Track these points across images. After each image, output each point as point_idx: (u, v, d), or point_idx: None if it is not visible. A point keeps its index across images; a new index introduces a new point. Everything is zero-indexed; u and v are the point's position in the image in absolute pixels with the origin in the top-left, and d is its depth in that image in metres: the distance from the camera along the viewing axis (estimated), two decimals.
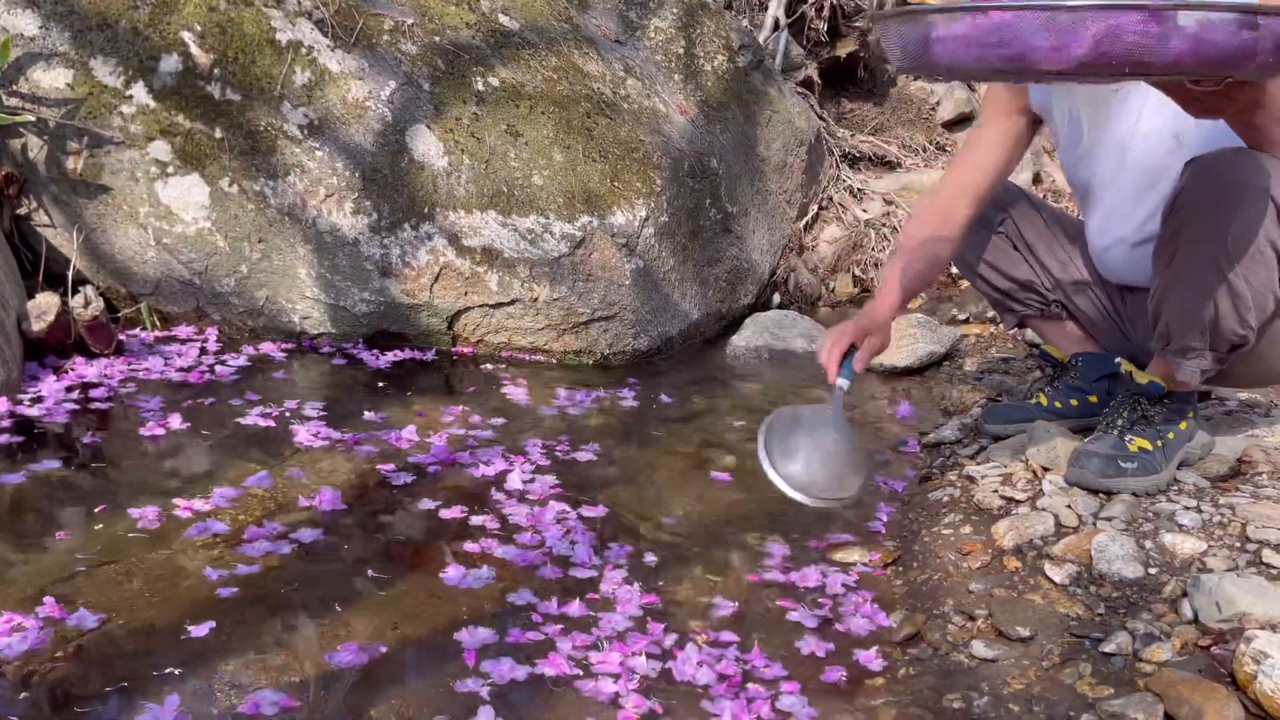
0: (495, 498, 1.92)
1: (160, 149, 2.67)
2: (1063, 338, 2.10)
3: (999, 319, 2.19)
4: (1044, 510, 1.68)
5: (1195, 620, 1.37)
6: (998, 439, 2.06)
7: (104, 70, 2.66)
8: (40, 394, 2.23)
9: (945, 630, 1.47)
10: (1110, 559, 1.50)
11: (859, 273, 3.93)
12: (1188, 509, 1.62)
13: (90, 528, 1.70)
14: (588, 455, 2.15)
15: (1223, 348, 1.61)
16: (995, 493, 1.79)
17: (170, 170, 2.67)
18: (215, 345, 2.67)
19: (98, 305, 2.41)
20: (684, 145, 3.24)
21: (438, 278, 2.76)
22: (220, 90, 2.71)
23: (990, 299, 2.14)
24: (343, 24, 2.87)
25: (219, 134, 2.70)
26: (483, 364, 2.75)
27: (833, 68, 4.74)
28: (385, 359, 2.69)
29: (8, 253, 2.52)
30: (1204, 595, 1.37)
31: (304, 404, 2.32)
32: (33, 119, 2.60)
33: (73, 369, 2.40)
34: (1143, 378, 1.72)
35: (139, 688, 1.30)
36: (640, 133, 3.11)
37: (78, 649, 1.37)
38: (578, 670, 1.38)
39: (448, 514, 1.84)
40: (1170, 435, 1.72)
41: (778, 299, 3.62)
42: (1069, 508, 1.66)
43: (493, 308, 2.80)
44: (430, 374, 2.65)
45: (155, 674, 1.33)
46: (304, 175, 2.72)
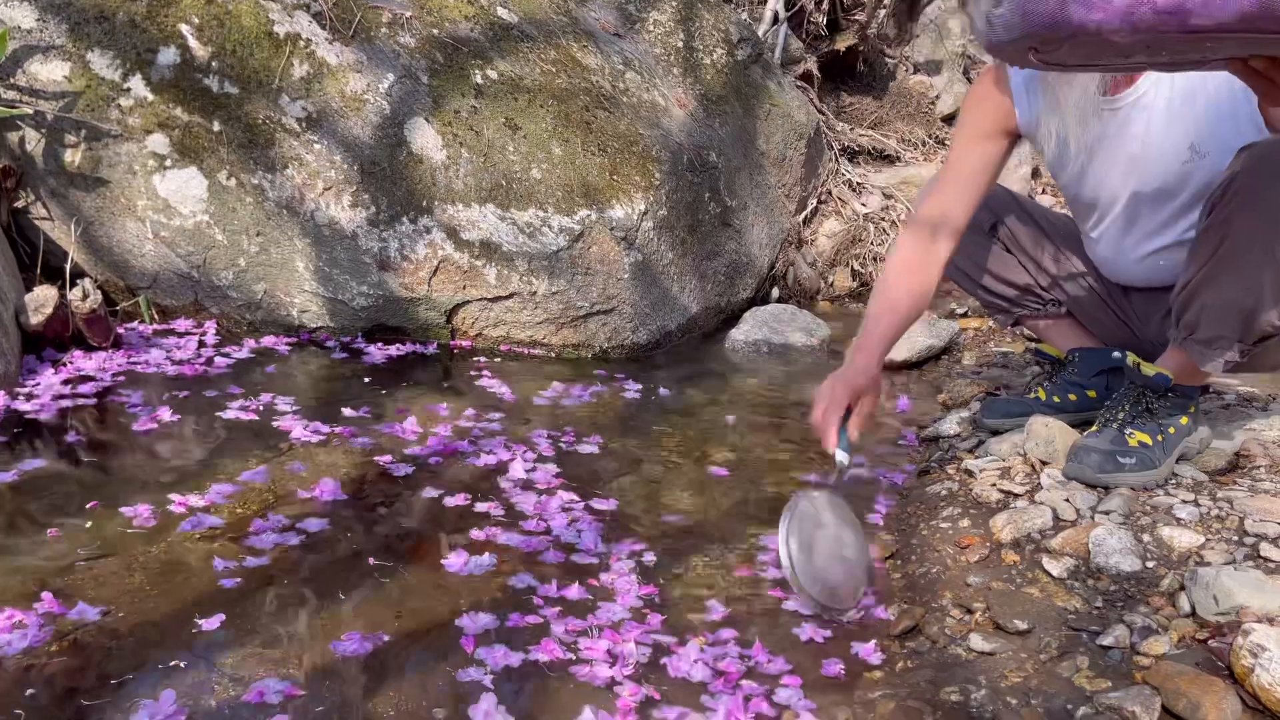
0: (497, 488, 1.93)
1: (158, 142, 2.66)
2: (1059, 334, 2.10)
3: (993, 319, 2.19)
4: (1042, 504, 1.68)
5: (1193, 613, 1.37)
6: (996, 433, 2.06)
7: (102, 63, 2.65)
8: (32, 390, 2.22)
9: (943, 623, 1.47)
10: (1108, 553, 1.51)
11: (858, 266, 3.93)
12: (1186, 503, 1.62)
13: (89, 524, 1.70)
14: (587, 448, 2.15)
15: (1253, 339, 1.59)
16: (993, 486, 1.79)
17: (168, 163, 2.67)
18: (214, 339, 2.67)
19: (96, 298, 2.41)
20: (683, 139, 3.24)
21: (436, 271, 2.75)
22: (218, 83, 2.71)
23: (984, 302, 2.14)
24: (341, 17, 2.87)
25: (217, 127, 2.69)
26: (481, 357, 2.75)
27: (832, 61, 4.74)
28: (385, 353, 2.69)
29: (5, 246, 2.52)
30: (1201, 589, 1.37)
31: (303, 397, 2.32)
32: (30, 112, 2.59)
33: (71, 362, 2.40)
34: (1149, 369, 1.71)
35: (143, 680, 1.30)
36: (639, 126, 3.11)
37: (81, 643, 1.37)
38: (570, 655, 1.40)
39: (450, 504, 1.85)
40: (1171, 430, 1.72)
41: (776, 293, 3.62)
42: (1067, 501, 1.67)
43: (491, 301, 2.79)
44: (429, 367, 2.65)
45: (160, 666, 1.33)
46: (302, 168, 2.71)
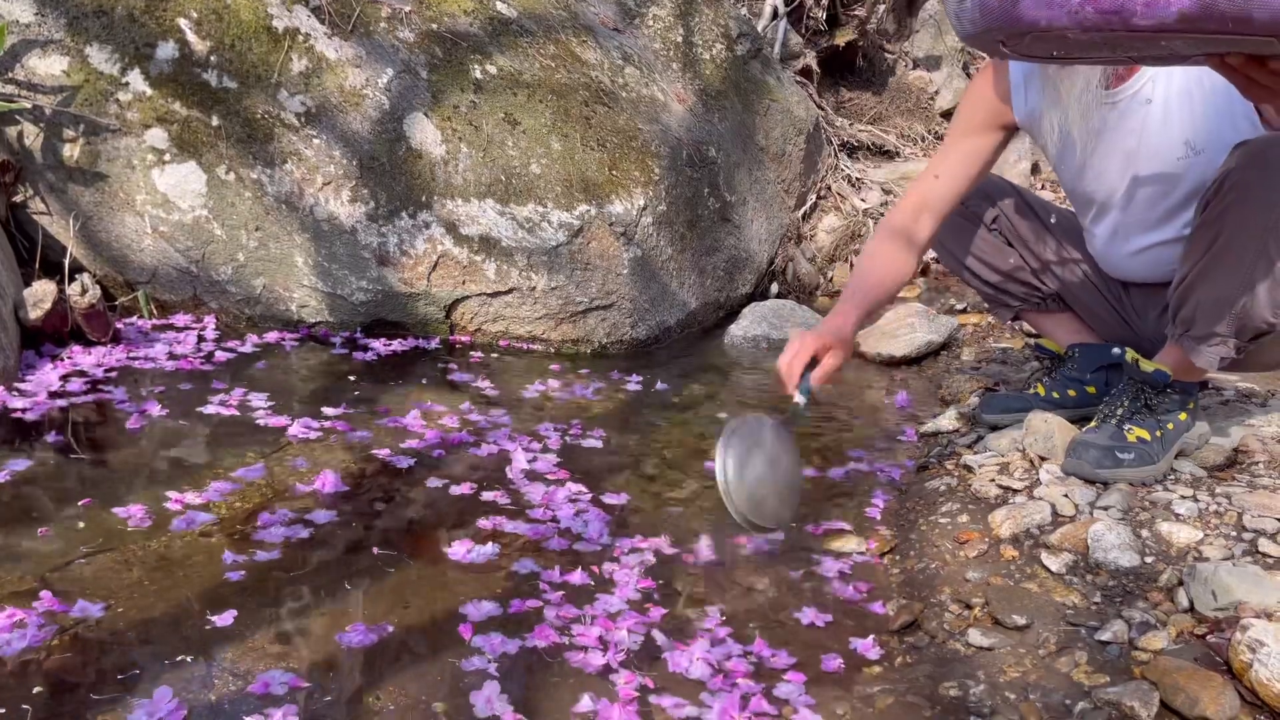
0: (499, 480, 1.94)
1: (157, 136, 2.66)
2: (1058, 329, 2.10)
3: (993, 313, 2.19)
4: (1041, 499, 1.68)
5: (1191, 609, 1.37)
6: (995, 428, 2.06)
7: (100, 57, 2.65)
8: (24, 388, 2.20)
9: (942, 619, 1.48)
10: (1107, 548, 1.51)
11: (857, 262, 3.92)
12: (1184, 498, 1.62)
13: (81, 524, 1.70)
14: (588, 443, 2.15)
15: (1247, 335, 1.60)
16: (992, 482, 1.79)
17: (167, 158, 2.66)
18: (213, 334, 2.67)
19: (95, 293, 2.41)
20: (682, 134, 3.24)
21: (435, 266, 2.75)
22: (217, 77, 2.70)
23: (985, 295, 2.14)
24: (340, 11, 2.86)
25: (216, 121, 2.69)
26: (480, 353, 2.75)
27: (831, 56, 4.73)
28: (384, 347, 2.69)
29: (4, 241, 2.51)
30: (1200, 584, 1.38)
31: (304, 392, 2.32)
32: (29, 106, 2.59)
33: (70, 357, 2.40)
34: (1148, 365, 1.72)
35: (148, 674, 1.30)
36: (638, 121, 3.11)
37: (87, 639, 1.37)
38: (564, 639, 1.42)
39: (453, 496, 1.85)
40: (1170, 425, 1.72)
41: (776, 288, 3.62)
42: (1066, 497, 1.67)
43: (490, 296, 2.79)
44: (429, 362, 2.65)
45: (166, 661, 1.33)
46: (301, 163, 2.71)
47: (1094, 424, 1.78)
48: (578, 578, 1.59)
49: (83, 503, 1.75)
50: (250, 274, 2.71)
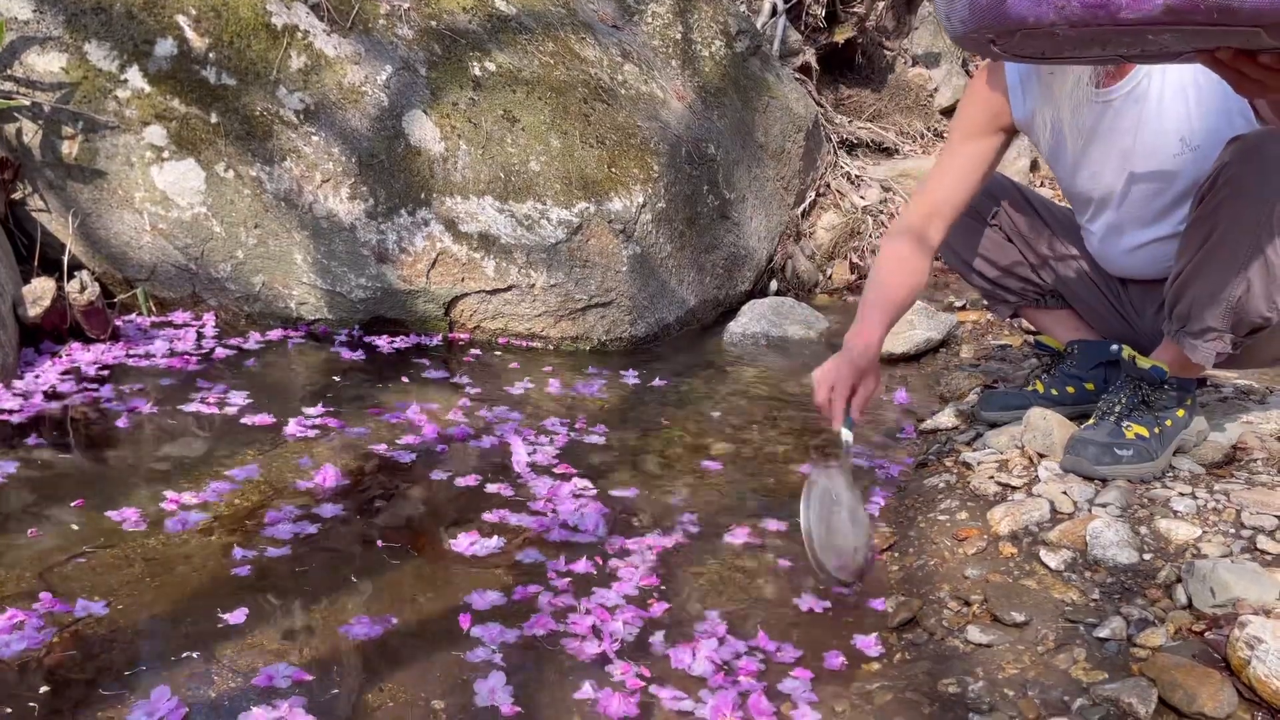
0: (501, 475, 1.94)
1: (155, 133, 2.66)
2: (1058, 326, 2.10)
3: (992, 309, 2.19)
4: (1040, 496, 1.68)
5: (1189, 606, 1.38)
6: (994, 425, 2.06)
7: (98, 54, 2.65)
8: (20, 389, 2.20)
9: (941, 615, 1.48)
10: (1105, 545, 1.51)
11: (856, 259, 3.93)
12: (1183, 495, 1.62)
13: (88, 521, 1.70)
14: (589, 439, 2.15)
15: (1243, 330, 1.60)
16: (991, 479, 1.79)
17: (166, 155, 2.66)
18: (213, 331, 2.67)
19: (93, 290, 2.41)
20: (681, 131, 3.24)
21: (434, 264, 2.75)
22: (216, 74, 2.70)
23: (984, 291, 2.14)
24: (338, 8, 2.86)
25: (215, 119, 2.69)
26: (479, 350, 2.75)
27: (831, 54, 4.73)
28: (386, 344, 2.70)
29: (3, 238, 2.51)
30: (1198, 581, 1.38)
31: (304, 389, 2.32)
32: (27, 103, 2.59)
33: (68, 354, 2.40)
34: (1145, 362, 1.72)
35: (153, 670, 1.30)
36: (638, 118, 3.10)
37: (93, 635, 1.37)
38: (560, 626, 1.44)
39: (455, 490, 1.85)
40: (1168, 422, 1.73)
41: (775, 286, 3.62)
42: (1065, 494, 1.67)
43: (490, 294, 2.79)
44: (428, 359, 2.65)
45: (172, 658, 1.33)
46: (300, 160, 2.71)
47: (1092, 421, 1.78)
48: (581, 567, 1.61)
49: (75, 503, 1.74)
50: (249, 271, 2.71)
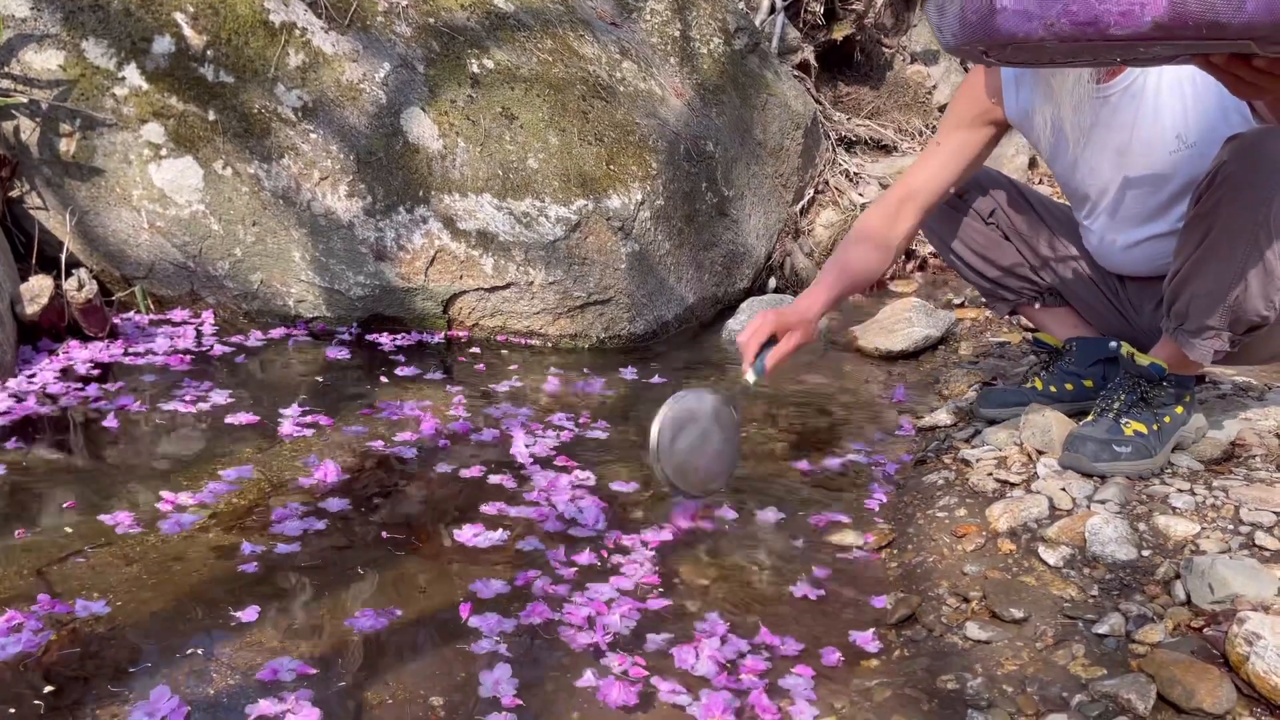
0: (500, 471, 1.94)
1: (153, 131, 2.65)
2: (1056, 323, 2.10)
3: (990, 308, 2.19)
4: (1038, 493, 1.68)
5: (1188, 602, 1.38)
6: (993, 423, 2.06)
7: (96, 52, 2.64)
8: (15, 391, 2.19)
9: (940, 612, 1.48)
10: (1104, 541, 1.51)
11: None
12: (1181, 492, 1.62)
13: (86, 521, 1.70)
14: (590, 435, 2.15)
15: (1241, 328, 1.60)
16: (990, 476, 1.79)
17: (163, 152, 2.66)
18: (211, 329, 2.67)
19: (91, 288, 2.40)
20: (680, 128, 3.23)
21: (433, 261, 2.75)
22: (213, 72, 2.70)
23: (982, 289, 2.14)
24: (336, 5, 2.85)
25: (212, 116, 2.68)
26: (479, 347, 2.75)
27: (829, 51, 4.72)
28: (386, 341, 2.70)
29: (0, 236, 2.51)
30: (1197, 577, 1.38)
31: (303, 387, 2.32)
32: (25, 101, 2.58)
33: (66, 352, 2.40)
34: (1144, 359, 1.72)
35: (155, 669, 1.30)
36: (636, 115, 3.10)
37: (88, 634, 1.37)
38: (556, 615, 1.46)
39: (454, 485, 1.86)
40: (1167, 419, 1.73)
41: (773, 283, 3.62)
42: (1063, 491, 1.67)
43: (488, 291, 2.79)
44: (427, 357, 2.65)
45: (176, 656, 1.33)
46: (298, 158, 2.71)
47: (1091, 418, 1.78)
48: (585, 560, 1.62)
49: (67, 504, 1.74)
50: (247, 269, 2.71)
